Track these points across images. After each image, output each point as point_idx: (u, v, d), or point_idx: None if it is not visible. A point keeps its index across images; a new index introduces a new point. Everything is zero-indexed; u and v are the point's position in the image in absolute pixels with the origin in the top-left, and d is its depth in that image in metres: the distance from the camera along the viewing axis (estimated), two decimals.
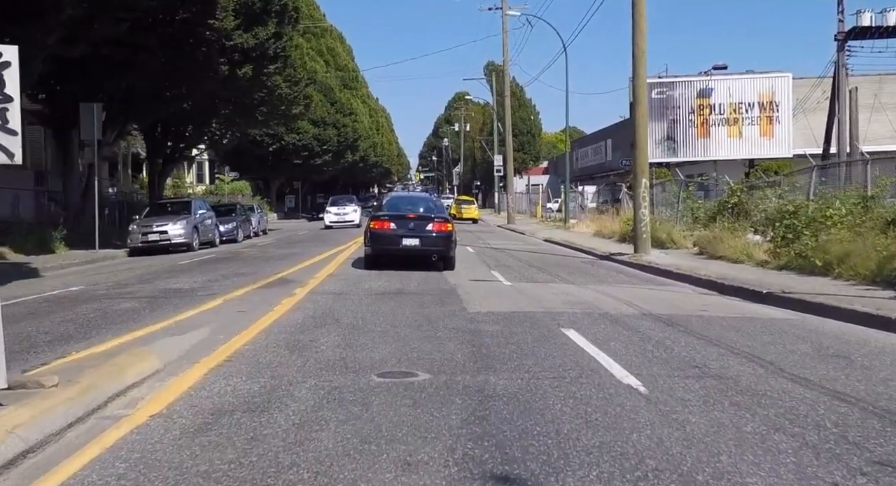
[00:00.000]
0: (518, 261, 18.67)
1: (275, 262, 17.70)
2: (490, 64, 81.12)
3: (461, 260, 17.75)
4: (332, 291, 11.62)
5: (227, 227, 28.68)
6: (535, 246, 25.19)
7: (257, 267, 16.26)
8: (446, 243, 15.94)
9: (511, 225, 41.53)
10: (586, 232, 31.49)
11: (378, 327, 8.35)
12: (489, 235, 33.00)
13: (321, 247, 23.07)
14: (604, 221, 29.36)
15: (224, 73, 24.65)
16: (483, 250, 22.86)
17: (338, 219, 38.93)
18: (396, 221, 15.95)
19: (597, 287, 12.93)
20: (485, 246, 24.67)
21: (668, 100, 32.79)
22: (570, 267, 17.13)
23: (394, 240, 15.78)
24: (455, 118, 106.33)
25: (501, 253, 21.44)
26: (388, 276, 14.23)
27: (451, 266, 16.18)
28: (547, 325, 8.58)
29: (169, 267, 17.40)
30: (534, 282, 13.81)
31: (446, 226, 16.09)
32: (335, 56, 61.64)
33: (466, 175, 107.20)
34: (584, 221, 34.63)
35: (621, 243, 23.32)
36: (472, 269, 16.39)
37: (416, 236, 15.77)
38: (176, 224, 23.37)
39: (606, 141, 76.03)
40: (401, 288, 12.09)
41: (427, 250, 15.89)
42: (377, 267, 15.90)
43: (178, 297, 11.24)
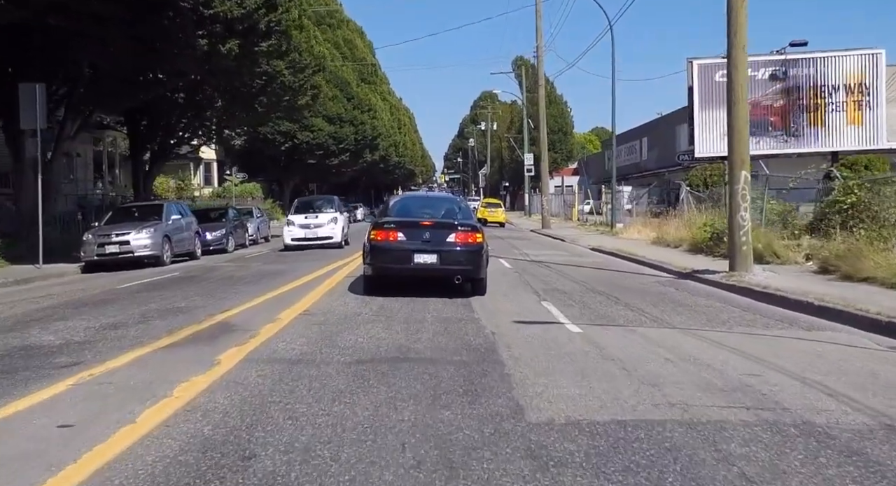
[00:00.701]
0: (572, 281, 13.90)
1: (242, 287, 13.06)
2: (518, 59, 76.35)
3: (495, 279, 13.14)
4: (285, 354, 6.89)
5: (214, 235, 24.22)
6: (584, 258, 20.38)
7: (210, 297, 11.61)
8: (475, 260, 11.39)
9: (546, 230, 36.71)
10: (640, 239, 26.61)
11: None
12: (524, 242, 28.21)
13: (318, 261, 18.48)
14: (663, 227, 24.44)
15: (202, 48, 20.14)
16: (521, 263, 18.10)
17: (305, 235, 23.77)
18: (406, 231, 11.45)
19: (717, 336, 8.15)
20: (522, 257, 19.91)
21: None
22: (648, 292, 12.34)
23: (402, 256, 11.28)
24: (481, 117, 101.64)
25: (546, 268, 16.68)
26: (390, 313, 9.56)
27: (481, 290, 11.72)
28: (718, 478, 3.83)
29: (95, 295, 12.83)
30: (612, 323, 9.04)
31: (475, 236, 11.49)
32: (353, 48, 57.23)
33: (493, 176, 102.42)
34: (634, 226, 29.70)
35: (696, 255, 18.45)
36: (513, 296, 11.67)
37: (434, 251, 11.23)
38: (141, 232, 18.91)
39: (641, 140, 70.93)
40: (403, 345, 7.34)
41: (448, 270, 11.39)
42: (379, 292, 11.41)
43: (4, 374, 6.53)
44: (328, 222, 24.01)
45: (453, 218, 12.20)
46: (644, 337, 8.04)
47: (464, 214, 12.62)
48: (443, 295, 11.34)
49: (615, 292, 12.35)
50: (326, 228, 23.90)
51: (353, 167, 59.73)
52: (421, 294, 11.39)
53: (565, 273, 15.59)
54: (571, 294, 11.95)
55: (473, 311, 9.95)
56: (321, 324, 8.59)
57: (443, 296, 11.28)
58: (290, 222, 24.33)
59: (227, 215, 25.98)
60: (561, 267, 17.03)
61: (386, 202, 13.78)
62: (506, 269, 16.42)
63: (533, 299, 11.31)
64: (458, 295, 11.53)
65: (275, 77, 29.65)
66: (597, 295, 11.90)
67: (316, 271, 15.65)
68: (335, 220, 24.31)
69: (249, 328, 8.19)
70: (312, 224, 23.90)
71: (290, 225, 24.20)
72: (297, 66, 30.72)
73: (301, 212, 25.02)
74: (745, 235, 13.59)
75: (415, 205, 13.42)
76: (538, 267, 17.08)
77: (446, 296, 11.32)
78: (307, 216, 24.37)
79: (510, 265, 17.27)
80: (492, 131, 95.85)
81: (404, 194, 14.93)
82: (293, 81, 30.75)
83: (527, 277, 14.76)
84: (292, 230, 23.97)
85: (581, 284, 13.53)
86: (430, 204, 13.67)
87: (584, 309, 10.26)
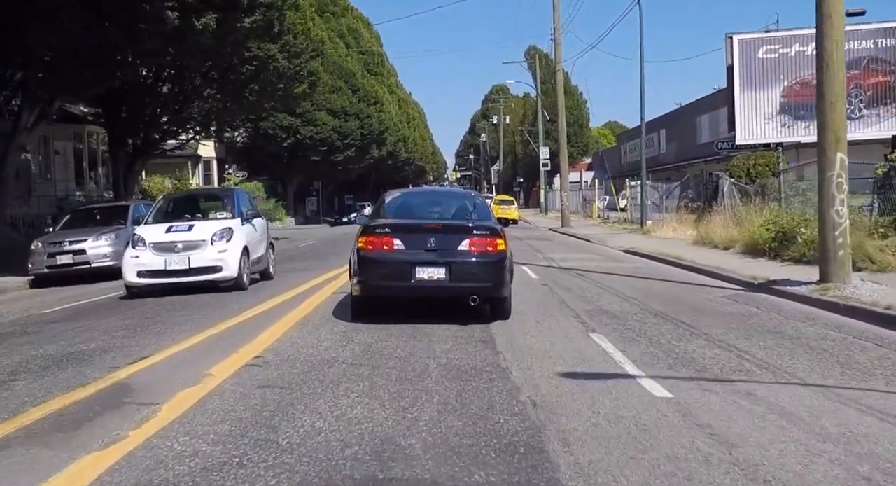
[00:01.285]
0: (619, 297, 10.91)
1: (193, 312, 10.09)
2: (531, 48, 73.28)
3: (520, 294, 10.32)
4: (177, 470, 3.87)
5: None
6: (621, 263, 17.37)
7: (139, 332, 8.60)
8: (497, 275, 8.57)
9: (567, 228, 33.68)
10: (677, 239, 23.59)
11: None
12: (545, 243, 25.21)
13: (311, 272, 15.60)
14: (705, 225, 21.35)
15: (173, 22, 17.27)
16: (549, 271, 15.13)
17: (165, 264, 12.28)
18: (406, 236, 8.65)
19: (879, 399, 5.18)
20: (548, 264, 16.92)
21: (783, 61, 24.64)
22: (725, 314, 9.33)
23: (400, 270, 8.50)
24: (493, 111, 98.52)
25: (580, 278, 13.69)
26: (377, 360, 6.63)
27: (504, 313, 8.93)
28: None
29: None
30: (706, 375, 6.06)
31: (495, 243, 8.64)
32: (357, 38, 54.33)
33: (507, 172, 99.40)
34: (668, 224, 26.64)
35: (757, 259, 15.42)
36: (549, 322, 8.70)
37: (442, 263, 8.46)
38: (99, 240, 16.08)
39: (659, 132, 67.55)
40: (388, 438, 4.31)
41: (461, 289, 8.60)
42: (370, 318, 8.60)
43: None
44: (212, 239, 12.44)
45: (467, 219, 9.34)
46: (772, 407, 5.06)
47: (480, 213, 9.69)
48: (453, 318, 8.48)
49: (681, 313, 9.36)
50: (207, 252, 12.29)
51: (360, 164, 56.85)
52: (425, 319, 8.53)
53: (606, 285, 12.59)
54: (625, 319, 8.97)
55: (497, 351, 7.02)
56: (269, 386, 5.65)
57: (453, 320, 8.42)
58: (138, 240, 12.61)
59: None
60: (598, 276, 14.03)
61: (380, 199, 10.56)
62: (531, 279, 13.45)
63: (576, 328, 8.34)
64: (474, 319, 8.65)
65: (267, 62, 26.85)
66: (660, 320, 8.91)
67: (302, 285, 12.74)
68: (226, 234, 12.67)
69: (152, 399, 5.25)
70: (181, 243, 12.42)
71: (136, 245, 12.56)
72: (291, 51, 27.90)
73: (168, 219, 13.57)
74: (841, 235, 10.55)
75: (417, 202, 10.47)
76: (570, 276, 14.09)
77: (458, 320, 8.45)
78: (172, 229, 12.82)
79: (536, 275, 14.30)
80: (504, 126, 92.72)
81: (403, 190, 11.64)
82: (288, 68, 27.93)
83: (560, 291, 11.78)
84: (140, 257, 12.34)
85: (632, 301, 10.54)
86: (436, 201, 10.79)
87: (653, 345, 7.29)
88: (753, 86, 24.96)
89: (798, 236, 14.15)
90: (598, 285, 12.56)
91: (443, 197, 11.47)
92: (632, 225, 33.42)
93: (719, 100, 51.90)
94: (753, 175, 24.59)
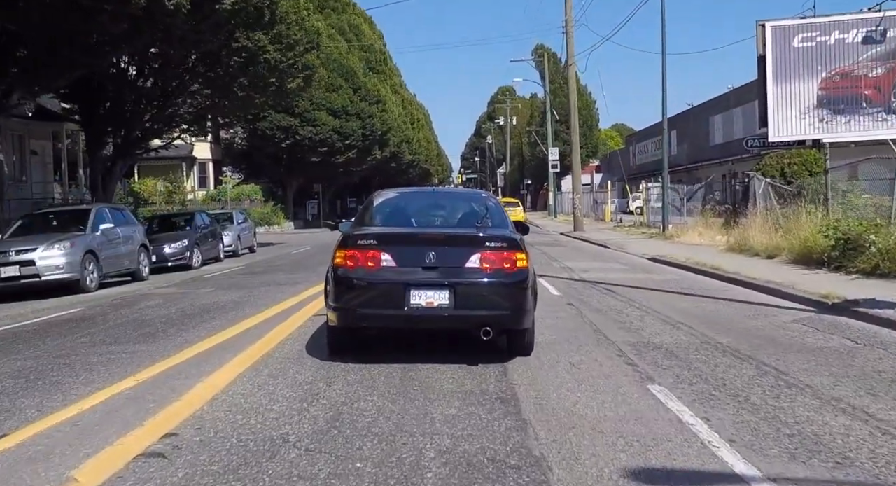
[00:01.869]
0: (668, 324, 8.70)
1: (123, 349, 7.86)
2: (539, 47, 71.11)
3: (543, 318, 8.43)
4: None
5: (174, 247, 19.26)
6: (651, 274, 15.15)
7: (46, 378, 6.49)
8: (516, 300, 6.55)
9: (580, 233, 31.50)
10: (705, 244, 21.39)
11: None
12: (559, 249, 23.02)
13: (293, 287, 13.46)
14: (739, 229, 19.11)
15: (140, 2, 15.13)
16: (571, 285, 12.94)
17: None
18: (397, 249, 6.63)
19: None
20: (568, 276, 14.73)
21: (820, 50, 22.38)
22: (814, 351, 7.10)
23: (390, 294, 6.48)
24: (499, 112, 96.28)
25: (610, 295, 11.49)
26: (345, 439, 4.44)
27: (524, 349, 6.91)
28: None
29: None
30: (870, 481, 3.86)
31: (514, 257, 6.59)
32: (359, 35, 52.22)
33: (513, 175, 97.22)
34: (694, 228, 24.38)
35: (815, 270, 13.21)
36: (587, 366, 6.50)
37: (445, 285, 6.44)
38: (52, 249, 13.95)
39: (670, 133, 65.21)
40: None
41: (469, 319, 6.52)
42: (350, 356, 6.67)
43: None
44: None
45: (477, 226, 7.11)
46: None
47: (495, 218, 7.42)
48: (458, 353, 6.41)
49: (757, 349, 7.16)
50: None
51: (362, 166, 54.70)
52: (421, 356, 6.49)
53: (643, 304, 10.39)
54: (687, 357, 6.77)
55: (524, 419, 4.85)
56: None
57: (458, 356, 6.35)
58: None
59: (193, 223, 20.94)
60: (630, 292, 11.83)
61: (367, 201, 8.29)
62: (552, 297, 11.26)
63: (627, 375, 6.14)
64: (486, 356, 6.62)
65: (256, 54, 24.73)
66: (732, 359, 6.70)
67: (275, 306, 10.59)
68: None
69: None
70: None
71: None
72: (284, 43, 25.76)
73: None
74: None
75: (414, 205, 8.22)
76: (598, 292, 11.90)
77: (464, 355, 6.37)
78: None
79: (556, 290, 12.11)
80: (511, 127, 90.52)
81: (395, 191, 8.98)
82: (280, 61, 25.77)
83: (590, 313, 9.58)
84: None
85: (684, 329, 8.34)
86: (438, 203, 8.54)
87: (745, 409, 5.09)
88: (788, 77, 22.74)
89: (868, 245, 11.93)
90: (633, 305, 10.36)
91: (447, 199, 9.17)
92: (650, 229, 31.20)
93: (732, 99, 49.90)
94: (788, 175, 22.33)
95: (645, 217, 35.55)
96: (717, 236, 22.34)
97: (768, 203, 20.18)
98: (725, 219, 24.10)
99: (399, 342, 7.23)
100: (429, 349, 6.88)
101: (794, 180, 21.49)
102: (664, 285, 12.89)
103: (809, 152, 22.26)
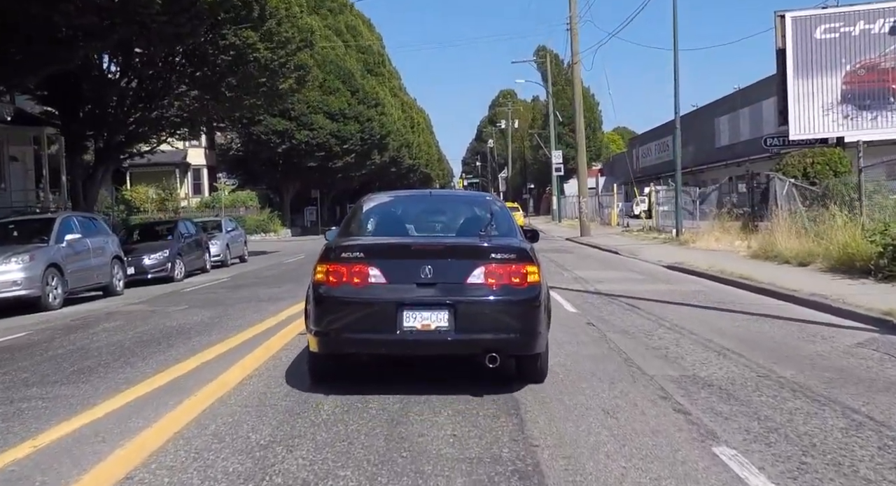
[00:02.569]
0: (711, 350, 7.27)
1: (46, 392, 6.40)
2: (541, 48, 69.88)
3: (557, 340, 7.02)
4: None
5: (154, 259, 17.88)
6: (672, 285, 13.73)
7: None
8: (527, 320, 5.64)
9: (587, 238, 30.09)
10: (723, 250, 19.98)
11: None
12: (567, 257, 21.61)
13: (275, 304, 12.08)
14: (767, 235, 17.65)
15: None
16: (587, 300, 11.52)
17: None
18: (388, 262, 5.70)
19: None
20: (581, 288, 13.32)
21: (844, 41, 21.01)
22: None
23: (380, 315, 5.56)
24: (501, 116, 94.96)
25: (634, 311, 10.07)
26: None
27: (536, 374, 6.00)
28: None
29: None
30: None
31: (524, 271, 5.65)
32: (357, 36, 50.90)
33: (515, 179, 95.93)
34: (711, 233, 22.92)
35: (858, 280, 11.81)
36: (627, 415, 5.08)
37: (443, 304, 5.53)
38: (9, 263, 12.58)
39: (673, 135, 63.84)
40: None
41: (472, 343, 5.57)
42: (333, 387, 5.87)
43: None
44: None
45: (480, 235, 6.04)
46: None
47: (501, 225, 6.36)
48: (460, 389, 5.18)
49: (835, 387, 5.74)
50: None
51: (361, 171, 53.36)
52: (418, 389, 5.44)
53: (675, 323, 8.97)
54: (752, 402, 5.35)
55: None
56: None
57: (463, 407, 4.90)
58: None
59: (176, 232, 19.54)
60: (656, 307, 10.42)
61: (355, 207, 7.35)
62: (568, 314, 9.86)
63: (681, 429, 4.72)
64: (493, 387, 5.55)
65: (245, 52, 23.41)
66: (810, 404, 5.28)
67: (250, 328, 9.19)
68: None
69: None
70: None
71: None
72: (275, 40, 24.41)
73: None
74: None
75: (407, 211, 7.08)
76: (620, 308, 10.48)
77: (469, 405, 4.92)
78: None
79: (572, 306, 10.70)
80: (512, 131, 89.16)
81: (388, 195, 7.97)
82: (271, 59, 24.43)
83: (616, 336, 8.16)
84: None
85: (734, 357, 6.92)
86: (436, 208, 7.42)
87: None
88: (809, 72, 21.35)
89: None
90: (663, 324, 8.94)
91: (446, 203, 7.94)
92: (660, 233, 29.78)
93: (739, 100, 48.58)
94: (811, 175, 20.91)
95: (654, 221, 34.13)
96: (736, 242, 20.91)
97: (792, 205, 18.76)
98: (743, 223, 22.69)
99: (384, 378, 5.85)
100: (427, 382, 5.53)
101: (817, 181, 20.08)
102: (692, 299, 11.46)
103: (833, 151, 20.87)
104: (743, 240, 20.80)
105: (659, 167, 62.05)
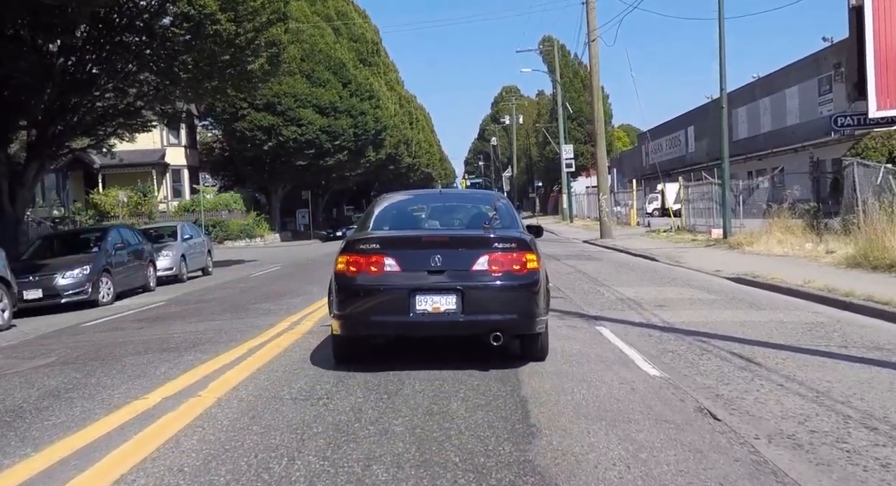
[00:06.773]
0: None
1: None
2: (546, 39, 65.72)
3: None
4: None
5: (69, 277, 13.86)
6: (767, 311, 9.59)
7: None
8: (527, 303, 6.19)
9: (609, 240, 26.04)
10: (795, 255, 15.94)
11: None
12: (596, 265, 17.49)
13: (190, 352, 8.03)
14: (874, 237, 13.44)
15: None
16: (666, 346, 7.38)
17: None
18: (401, 252, 6.29)
19: None
20: (640, 317, 9.20)
21: None
22: None
23: (394, 300, 6.16)
24: (504, 111, 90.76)
25: (754, 374, 5.95)
26: None
27: (536, 352, 6.57)
28: None
29: None
30: None
31: (524, 259, 6.22)
32: (348, 24, 46.84)
33: (520, 177, 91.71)
34: (769, 233, 18.74)
35: None
36: None
37: (451, 289, 6.09)
38: None
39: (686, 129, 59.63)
40: None
41: (478, 323, 6.14)
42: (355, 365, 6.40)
43: None
44: None
45: (482, 229, 6.66)
46: None
47: (504, 218, 6.98)
48: None
49: None
50: None
51: (356, 169, 49.27)
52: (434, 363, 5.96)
53: (857, 407, 4.87)
54: None
55: None
56: None
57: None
58: None
59: (105, 242, 15.47)
60: (779, 360, 6.32)
61: (370, 206, 7.88)
62: (650, 383, 5.78)
63: None
64: None
65: (203, 24, 19.41)
66: None
67: (97, 422, 5.13)
68: None
69: None
70: None
71: None
72: (240, 11, 20.39)
73: None
74: None
75: (419, 208, 7.70)
76: (724, 364, 6.37)
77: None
78: None
79: (647, 361, 6.60)
80: (517, 127, 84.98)
81: (399, 195, 8.43)
82: (236, 34, 20.39)
83: (773, 453, 4.06)
84: None
85: None
86: (445, 205, 8.01)
87: None
88: (895, 33, 17.32)
89: None
90: (834, 408, 4.84)
91: (455, 200, 8.86)
92: (693, 234, 25.69)
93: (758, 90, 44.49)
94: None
95: (682, 220, 29.99)
96: (807, 244, 16.83)
97: (889, 198, 14.62)
98: (807, 221, 18.57)
99: None
100: None
101: None
102: (824, 340, 7.37)
103: None
104: (816, 243, 16.72)
105: (671, 163, 58.08)
